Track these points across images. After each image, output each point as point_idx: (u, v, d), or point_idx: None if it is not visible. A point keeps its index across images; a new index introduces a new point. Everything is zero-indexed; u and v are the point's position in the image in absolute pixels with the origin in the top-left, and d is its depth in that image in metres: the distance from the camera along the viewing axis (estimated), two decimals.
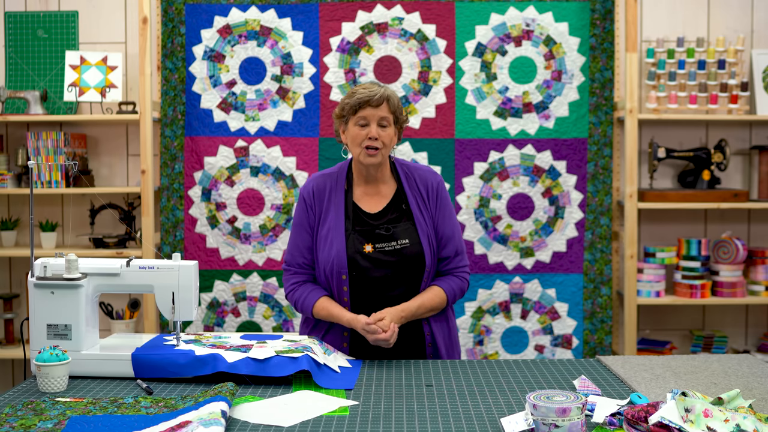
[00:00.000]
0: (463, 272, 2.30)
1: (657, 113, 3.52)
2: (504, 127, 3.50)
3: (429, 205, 2.27)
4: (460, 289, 2.28)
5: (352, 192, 2.28)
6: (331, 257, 2.19)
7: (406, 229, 2.22)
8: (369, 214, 2.25)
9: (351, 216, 2.23)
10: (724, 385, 1.82)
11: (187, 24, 3.50)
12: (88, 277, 1.96)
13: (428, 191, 2.28)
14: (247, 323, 3.53)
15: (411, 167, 2.32)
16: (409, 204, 2.25)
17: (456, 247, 2.28)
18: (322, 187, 2.28)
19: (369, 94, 2.19)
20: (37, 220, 3.62)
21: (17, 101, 3.59)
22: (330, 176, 2.30)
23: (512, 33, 3.49)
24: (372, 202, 2.27)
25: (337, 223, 2.22)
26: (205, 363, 1.88)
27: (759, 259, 3.54)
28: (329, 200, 2.26)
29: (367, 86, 2.23)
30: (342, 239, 2.20)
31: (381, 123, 2.20)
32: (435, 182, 2.29)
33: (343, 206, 2.24)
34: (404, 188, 2.27)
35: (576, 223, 3.52)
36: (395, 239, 2.20)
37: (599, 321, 3.51)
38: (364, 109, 2.19)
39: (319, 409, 1.68)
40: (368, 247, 2.20)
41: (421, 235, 2.22)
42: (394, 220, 2.24)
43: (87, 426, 1.54)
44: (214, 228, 3.52)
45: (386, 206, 2.26)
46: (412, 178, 2.29)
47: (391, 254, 2.19)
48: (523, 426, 1.50)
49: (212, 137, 3.51)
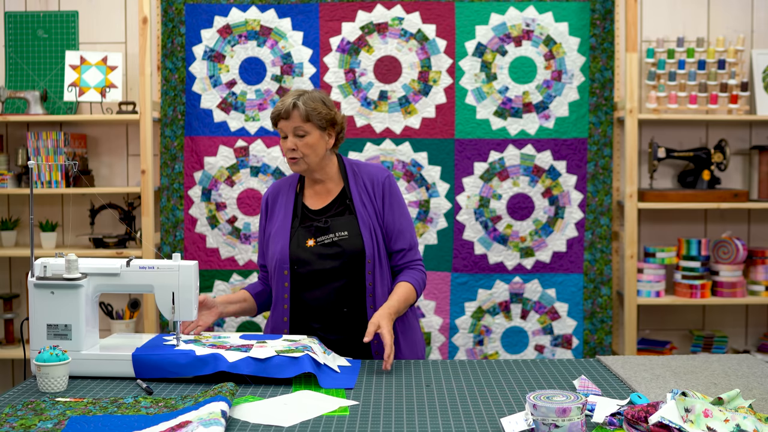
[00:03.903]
0: (419, 265, 2.34)
1: (657, 113, 3.52)
2: (504, 127, 3.50)
3: (374, 199, 2.31)
4: (423, 281, 2.32)
5: (303, 194, 2.36)
6: (276, 253, 2.27)
7: (348, 221, 2.27)
8: (313, 210, 2.32)
9: (299, 214, 2.31)
10: (724, 385, 1.82)
11: (187, 24, 3.50)
12: (88, 277, 1.96)
13: (374, 186, 2.32)
14: (247, 323, 3.53)
15: (360, 165, 2.38)
16: (353, 199, 2.30)
17: (409, 241, 2.32)
18: (276, 192, 2.39)
19: (280, 107, 2.25)
20: (37, 220, 3.62)
21: (17, 101, 3.59)
22: (285, 181, 2.41)
23: (512, 33, 3.49)
24: (318, 200, 2.34)
25: (284, 222, 2.30)
26: (205, 363, 1.88)
27: (759, 259, 3.54)
28: (280, 203, 2.35)
29: (283, 98, 2.27)
30: (287, 236, 2.28)
31: (297, 133, 2.24)
32: (382, 177, 2.33)
33: (292, 206, 2.32)
34: (350, 185, 2.32)
35: (576, 223, 3.52)
36: (332, 231, 2.26)
37: (599, 321, 3.51)
38: (279, 122, 2.26)
39: (319, 409, 1.68)
40: (311, 241, 2.26)
41: (362, 226, 2.26)
42: (337, 214, 2.30)
43: (87, 426, 1.54)
44: (214, 228, 3.52)
45: (330, 202, 2.32)
46: (359, 175, 2.34)
47: (330, 246, 2.25)
48: (523, 426, 1.50)
49: (212, 137, 3.51)
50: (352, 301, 2.27)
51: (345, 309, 2.27)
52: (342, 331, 2.27)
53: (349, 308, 2.27)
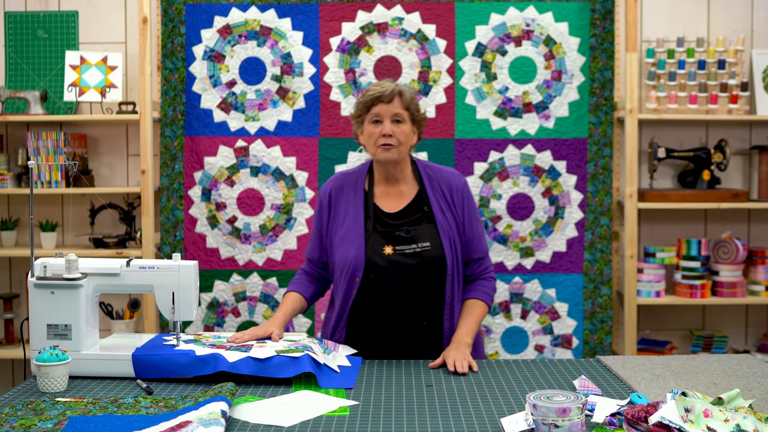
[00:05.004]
0: (489, 273, 2.28)
1: (657, 113, 3.52)
2: (504, 127, 3.50)
3: (454, 208, 2.22)
4: (493, 290, 2.27)
5: (372, 192, 2.24)
6: (349, 258, 2.15)
7: (428, 231, 2.17)
8: (388, 213, 2.21)
9: (371, 216, 2.19)
10: (724, 385, 1.82)
11: (187, 24, 3.50)
12: (88, 277, 1.96)
13: (452, 193, 2.23)
14: (247, 323, 3.52)
15: (434, 168, 2.27)
16: (431, 206, 2.20)
17: (484, 249, 2.26)
18: (339, 187, 2.26)
19: (381, 90, 2.15)
20: (37, 220, 3.62)
21: (17, 101, 3.59)
22: (350, 176, 2.28)
23: (512, 33, 3.49)
24: (392, 202, 2.23)
25: (356, 224, 2.18)
26: (205, 363, 1.88)
27: (759, 259, 3.54)
28: (347, 200, 2.23)
29: (380, 83, 2.19)
30: (362, 240, 2.16)
31: (395, 119, 2.16)
32: (460, 184, 2.25)
33: (362, 206, 2.20)
34: (426, 190, 2.22)
35: (576, 223, 3.52)
36: (415, 242, 2.16)
37: (599, 321, 3.51)
38: (376, 105, 2.15)
39: (319, 409, 1.68)
40: (388, 248, 2.15)
41: (443, 238, 2.17)
42: (414, 221, 2.19)
43: (87, 426, 1.54)
44: (214, 228, 3.52)
45: (406, 206, 2.22)
46: (435, 180, 2.24)
47: (411, 257, 2.15)
48: (523, 426, 1.50)
49: (212, 137, 3.51)
50: (430, 314, 2.20)
51: (424, 322, 2.19)
52: (413, 344, 2.19)
53: (428, 321, 2.20)
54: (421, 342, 2.20)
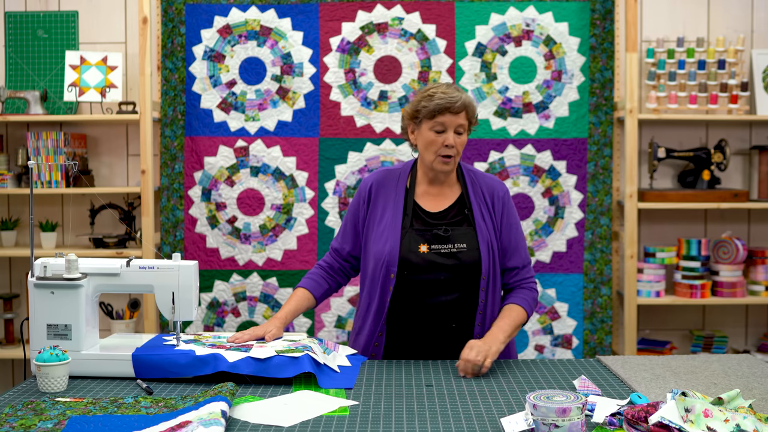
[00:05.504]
0: (531, 282, 2.24)
1: (657, 113, 3.52)
2: (504, 127, 3.50)
3: (494, 214, 2.21)
4: (534, 300, 2.22)
5: (414, 190, 2.24)
6: (384, 253, 2.14)
7: (466, 233, 2.16)
8: (429, 213, 2.20)
9: (410, 213, 2.19)
10: (724, 385, 1.82)
11: (187, 24, 3.50)
12: (88, 277, 1.96)
13: (494, 200, 2.22)
14: (247, 323, 3.52)
15: (478, 174, 2.27)
16: (473, 209, 2.19)
17: (523, 259, 2.23)
18: (382, 182, 2.25)
19: (450, 100, 2.11)
20: (37, 220, 3.62)
21: (17, 101, 3.59)
22: (393, 172, 2.27)
23: (512, 33, 3.49)
24: (434, 202, 2.22)
25: (395, 220, 2.17)
26: (205, 363, 1.88)
27: (759, 259, 3.54)
28: (388, 195, 2.22)
29: (446, 90, 2.14)
30: (398, 236, 2.15)
31: (457, 130, 2.14)
32: (501, 191, 2.24)
33: (402, 203, 2.19)
34: (469, 193, 2.22)
35: (576, 223, 3.52)
36: (452, 242, 2.14)
37: (599, 321, 3.51)
38: (443, 114, 2.12)
39: (319, 409, 1.68)
40: (424, 247, 2.14)
41: (481, 241, 2.15)
42: (455, 223, 2.18)
43: (87, 426, 1.54)
44: (214, 228, 3.52)
45: (448, 207, 2.21)
46: (477, 185, 2.24)
47: (446, 257, 2.13)
48: (523, 426, 1.50)
49: (212, 137, 3.51)
50: (462, 317, 2.18)
51: (454, 324, 2.18)
52: (442, 346, 2.18)
53: (458, 324, 2.18)
54: (449, 344, 2.19)
